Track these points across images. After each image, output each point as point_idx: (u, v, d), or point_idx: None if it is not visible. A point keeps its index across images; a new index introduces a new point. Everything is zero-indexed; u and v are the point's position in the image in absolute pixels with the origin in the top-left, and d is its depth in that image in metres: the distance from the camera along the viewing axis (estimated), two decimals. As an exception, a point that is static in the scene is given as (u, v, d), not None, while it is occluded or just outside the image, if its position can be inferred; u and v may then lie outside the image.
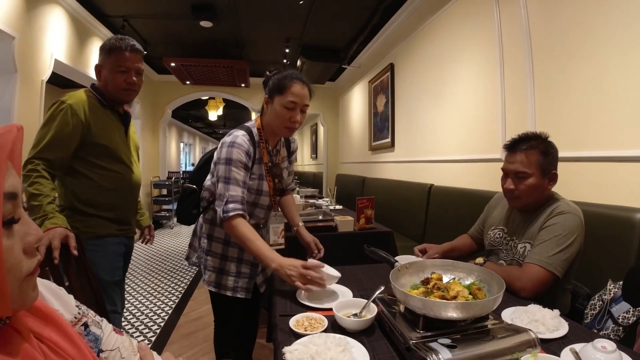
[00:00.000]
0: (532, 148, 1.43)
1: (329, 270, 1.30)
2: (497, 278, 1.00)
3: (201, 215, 1.70)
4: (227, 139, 1.50)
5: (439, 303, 0.85)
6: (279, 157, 1.68)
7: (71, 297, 0.75)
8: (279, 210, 1.72)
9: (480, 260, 1.45)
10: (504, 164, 1.50)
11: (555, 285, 1.39)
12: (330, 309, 1.06)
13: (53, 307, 0.66)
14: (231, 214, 1.41)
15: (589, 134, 1.94)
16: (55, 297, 0.70)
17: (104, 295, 1.49)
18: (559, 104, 2.13)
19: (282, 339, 0.98)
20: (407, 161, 4.27)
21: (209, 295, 1.70)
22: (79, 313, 0.73)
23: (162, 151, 7.88)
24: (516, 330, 0.91)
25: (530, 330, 0.90)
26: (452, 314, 0.84)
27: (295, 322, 1.03)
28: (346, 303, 1.10)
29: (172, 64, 5.80)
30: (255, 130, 1.58)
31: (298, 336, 0.97)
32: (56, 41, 3.82)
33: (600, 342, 0.82)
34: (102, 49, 1.65)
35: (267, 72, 1.59)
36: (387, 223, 3.00)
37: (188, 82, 7.03)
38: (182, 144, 15.71)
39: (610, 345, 0.81)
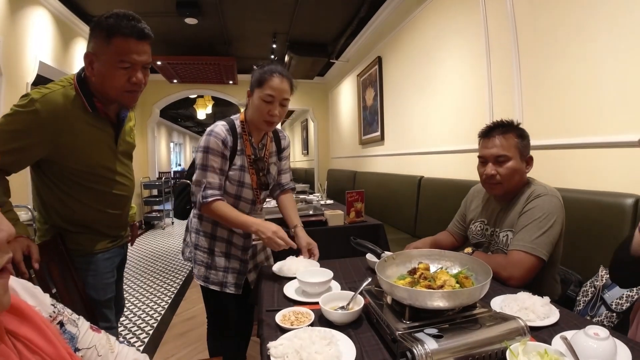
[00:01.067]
0: (509, 131, 1.43)
1: (318, 275, 1.26)
2: (485, 266, 0.98)
3: (192, 209, 1.70)
4: (208, 129, 1.53)
5: (424, 292, 0.83)
6: (265, 151, 1.66)
7: (47, 295, 0.73)
8: (262, 205, 1.73)
9: (468, 250, 1.44)
10: (481, 150, 1.49)
11: (544, 272, 1.39)
12: (317, 303, 1.04)
13: (30, 302, 0.65)
14: (210, 199, 1.46)
15: (577, 121, 1.94)
16: (30, 295, 0.69)
17: (96, 313, 1.43)
18: (546, 91, 2.13)
19: (268, 335, 0.96)
20: (397, 154, 4.26)
21: (201, 293, 1.69)
22: (54, 312, 0.71)
23: (152, 151, 7.78)
24: (504, 318, 0.90)
25: (518, 318, 0.89)
26: (439, 303, 0.83)
27: (282, 316, 1.01)
28: (333, 296, 1.08)
29: (159, 63, 5.71)
30: (238, 122, 1.58)
31: (284, 331, 0.95)
32: (40, 43, 3.75)
33: (592, 329, 0.80)
34: (97, 30, 1.21)
35: (254, 67, 1.58)
36: (378, 216, 2.99)
37: (175, 81, 6.93)
38: (172, 144, 15.59)
39: (602, 331, 0.79)
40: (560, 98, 2.04)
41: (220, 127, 1.52)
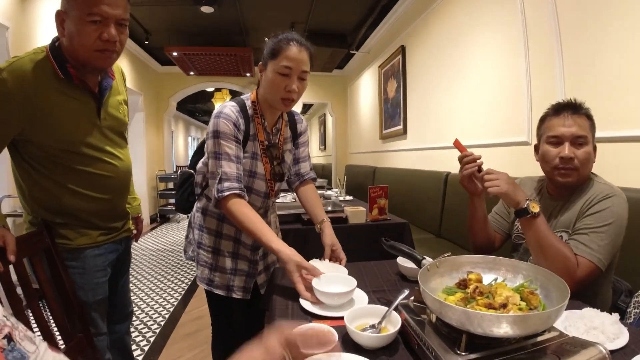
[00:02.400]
0: (581, 112, 1.22)
1: (338, 284, 1.05)
2: (554, 278, 0.77)
3: (195, 203, 1.51)
4: (215, 111, 1.31)
5: (489, 316, 0.62)
6: (279, 136, 1.45)
7: None
8: (274, 199, 1.52)
9: (536, 206, 1.11)
10: (554, 129, 1.23)
11: (600, 282, 1.20)
12: (341, 318, 0.84)
13: None
14: (226, 193, 1.23)
15: (627, 113, 1.73)
16: None
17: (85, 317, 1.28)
18: (592, 80, 1.91)
19: (281, 358, 0.77)
20: (421, 148, 4.02)
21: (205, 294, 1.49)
22: (1, 322, 0.55)
23: (168, 144, 7.73)
24: (582, 344, 0.70)
25: (598, 343, 0.69)
26: (507, 330, 0.62)
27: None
28: (361, 311, 0.87)
29: (174, 54, 5.60)
30: (249, 103, 1.37)
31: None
32: (50, 31, 3.64)
33: None
34: None
35: (266, 39, 1.35)
36: (400, 214, 2.78)
37: (192, 73, 6.83)
38: (190, 138, 15.62)
39: None
40: (607, 87, 1.81)
41: (229, 107, 1.30)
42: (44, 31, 3.54)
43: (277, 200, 1.63)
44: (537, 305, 0.74)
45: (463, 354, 0.65)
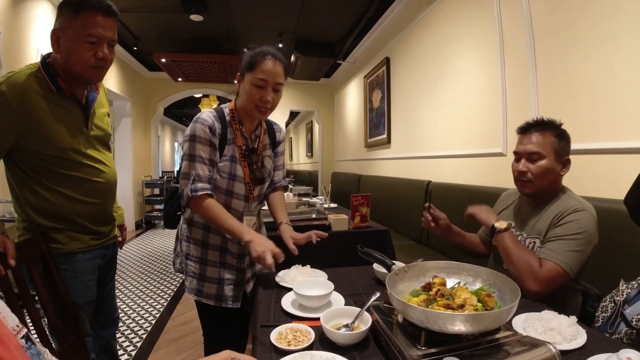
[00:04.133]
0: (547, 130, 1.36)
1: (317, 287, 1.14)
2: (510, 283, 0.86)
3: (182, 216, 1.55)
4: (195, 117, 1.39)
5: (444, 315, 0.71)
6: (259, 143, 1.52)
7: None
8: (255, 203, 1.54)
9: (503, 224, 1.33)
10: (516, 146, 1.43)
11: (567, 288, 1.30)
12: (319, 319, 0.92)
13: None
14: (199, 193, 1.32)
15: (596, 126, 1.83)
16: None
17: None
18: (564, 94, 2.02)
19: (262, 355, 0.84)
20: (404, 157, 4.14)
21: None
22: (18, 325, 0.62)
23: (155, 150, 7.72)
24: (533, 343, 0.78)
25: (549, 343, 0.78)
26: (460, 327, 0.71)
27: (278, 334, 0.89)
28: (336, 312, 0.96)
29: (163, 60, 5.63)
30: (227, 111, 1.45)
31: (280, 352, 0.83)
32: (42, 35, 3.68)
33: (626, 353, 0.71)
34: (65, 6, 1.22)
35: (245, 50, 1.42)
36: (383, 222, 2.86)
37: (180, 79, 6.86)
38: (176, 144, 15.54)
39: (637, 356, 0.70)
40: (579, 99, 1.92)
41: (206, 113, 1.38)
42: (35, 35, 3.56)
43: (263, 208, 1.67)
44: (493, 307, 0.83)
45: (423, 348, 0.73)
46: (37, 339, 0.66)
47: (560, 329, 0.92)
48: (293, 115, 10.74)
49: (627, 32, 1.64)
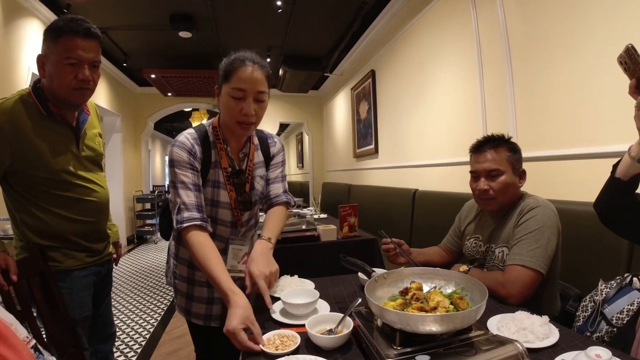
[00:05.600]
0: (500, 145, 1.41)
1: (303, 296, 1.18)
2: (480, 286, 0.93)
3: (172, 231, 1.48)
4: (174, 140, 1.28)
5: (415, 316, 0.78)
6: (248, 162, 1.37)
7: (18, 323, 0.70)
8: (244, 228, 1.42)
9: (464, 267, 1.39)
10: (473, 165, 1.46)
11: (543, 288, 1.35)
12: (304, 325, 0.98)
13: (8, 321, 0.61)
14: (185, 224, 1.16)
15: (571, 132, 1.91)
16: (4, 315, 0.65)
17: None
18: (540, 102, 2.11)
19: (251, 360, 0.90)
20: (391, 167, 4.23)
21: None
22: (27, 336, 0.68)
23: (145, 164, 7.73)
24: (501, 341, 0.85)
25: (516, 341, 0.84)
26: (431, 327, 0.77)
27: (266, 340, 0.95)
28: (321, 318, 1.02)
29: (153, 76, 5.70)
30: (210, 129, 1.31)
31: (268, 357, 0.89)
32: (33, 55, 3.71)
33: (594, 350, 0.75)
34: (48, 33, 1.26)
35: (224, 59, 1.27)
36: (373, 230, 2.93)
37: (169, 94, 6.92)
38: (167, 157, 15.49)
39: (605, 353, 0.74)
40: (554, 108, 2.01)
41: (184, 135, 1.25)
42: (26, 54, 3.60)
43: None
44: (465, 308, 0.90)
45: (398, 348, 0.79)
46: (40, 348, 0.71)
47: (532, 328, 0.97)
48: (283, 127, 10.83)
49: (597, 43, 1.73)
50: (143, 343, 2.86)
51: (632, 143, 0.99)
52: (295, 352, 0.90)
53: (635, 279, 1.27)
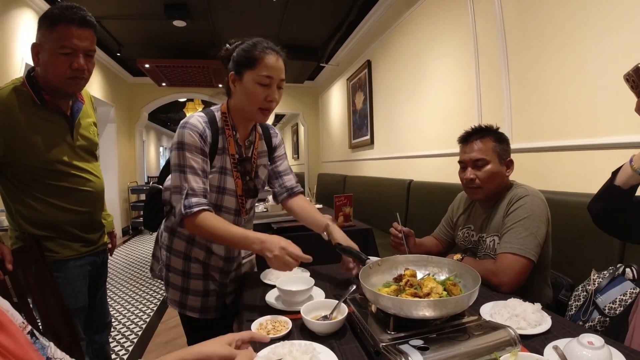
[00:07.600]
0: (486, 135, 1.44)
1: (298, 283, 1.20)
2: (473, 272, 0.95)
3: (163, 220, 1.46)
4: (182, 121, 1.25)
5: (409, 301, 0.79)
6: (253, 150, 1.38)
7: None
8: (247, 217, 1.43)
9: (458, 256, 1.40)
10: (460, 156, 1.50)
11: (535, 277, 1.37)
12: (299, 312, 0.99)
13: (4, 307, 0.61)
14: (195, 209, 1.16)
15: (565, 124, 1.93)
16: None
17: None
18: (535, 94, 2.12)
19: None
20: (387, 158, 4.24)
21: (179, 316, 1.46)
22: (23, 322, 0.68)
23: (140, 155, 7.69)
24: (494, 327, 0.86)
25: (509, 327, 0.85)
26: (425, 312, 0.79)
27: (259, 325, 0.96)
28: (316, 305, 1.03)
29: (147, 66, 5.65)
30: (219, 115, 1.30)
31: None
32: (27, 45, 3.67)
33: (587, 337, 0.76)
34: (43, 20, 1.24)
35: (228, 45, 1.29)
36: (368, 220, 2.95)
37: (164, 84, 6.87)
38: (161, 148, 15.44)
39: (597, 340, 0.75)
40: (549, 100, 2.02)
41: (196, 118, 1.23)
42: (20, 44, 3.57)
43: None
44: (457, 294, 0.91)
45: (392, 333, 0.81)
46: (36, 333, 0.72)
47: (525, 315, 0.99)
48: (278, 118, 10.80)
49: (593, 35, 1.74)
50: (139, 333, 2.87)
51: (624, 136, 1.00)
52: (286, 337, 0.92)
53: (628, 269, 1.29)
